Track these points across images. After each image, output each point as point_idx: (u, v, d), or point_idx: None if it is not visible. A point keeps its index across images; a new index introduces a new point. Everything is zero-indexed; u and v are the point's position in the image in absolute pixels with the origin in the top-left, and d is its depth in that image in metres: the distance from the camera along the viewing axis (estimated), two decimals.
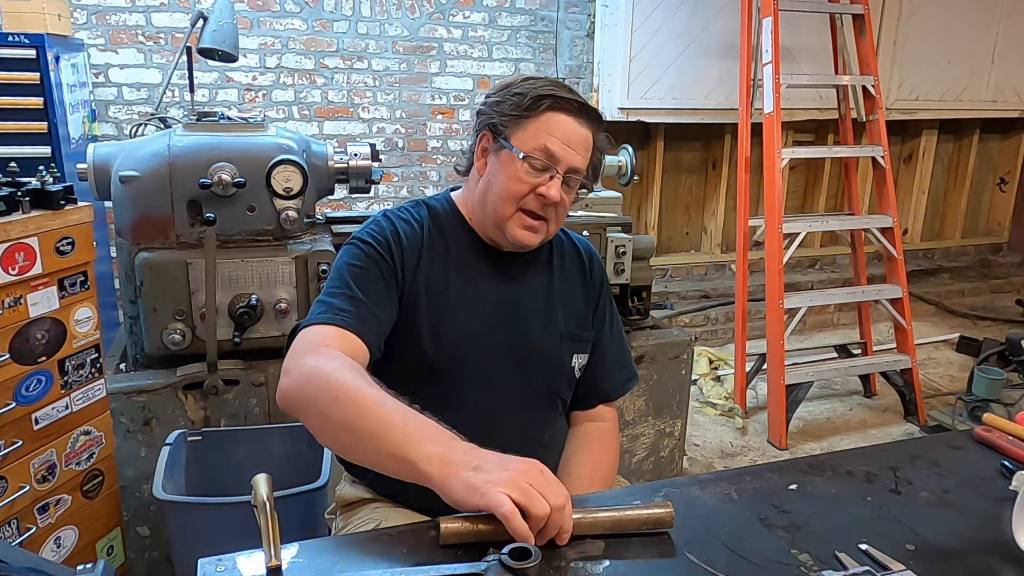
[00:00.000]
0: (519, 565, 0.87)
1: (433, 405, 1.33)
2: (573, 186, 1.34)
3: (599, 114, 1.36)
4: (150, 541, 2.16)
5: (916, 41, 4.67)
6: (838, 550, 0.98)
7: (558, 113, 1.30)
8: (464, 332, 1.36)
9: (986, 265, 5.64)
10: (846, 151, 3.73)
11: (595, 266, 1.53)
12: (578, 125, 1.31)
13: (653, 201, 4.61)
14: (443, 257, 1.38)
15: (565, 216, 1.39)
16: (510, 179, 1.31)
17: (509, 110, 1.32)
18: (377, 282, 1.30)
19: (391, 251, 1.33)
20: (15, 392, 1.65)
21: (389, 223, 1.37)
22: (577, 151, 1.31)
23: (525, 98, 1.31)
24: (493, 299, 1.39)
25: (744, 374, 3.66)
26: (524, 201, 1.31)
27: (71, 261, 1.75)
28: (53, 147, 2.72)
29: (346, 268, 1.31)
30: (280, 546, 0.86)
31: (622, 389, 1.54)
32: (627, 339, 1.60)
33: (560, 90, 1.31)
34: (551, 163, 1.30)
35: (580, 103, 1.32)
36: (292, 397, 1.11)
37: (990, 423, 1.33)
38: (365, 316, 1.25)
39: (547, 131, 1.30)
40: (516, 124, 1.31)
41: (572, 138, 1.30)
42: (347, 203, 3.96)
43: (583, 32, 4.21)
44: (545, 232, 1.36)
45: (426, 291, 1.35)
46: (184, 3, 3.50)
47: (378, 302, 1.28)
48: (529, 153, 1.30)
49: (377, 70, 3.89)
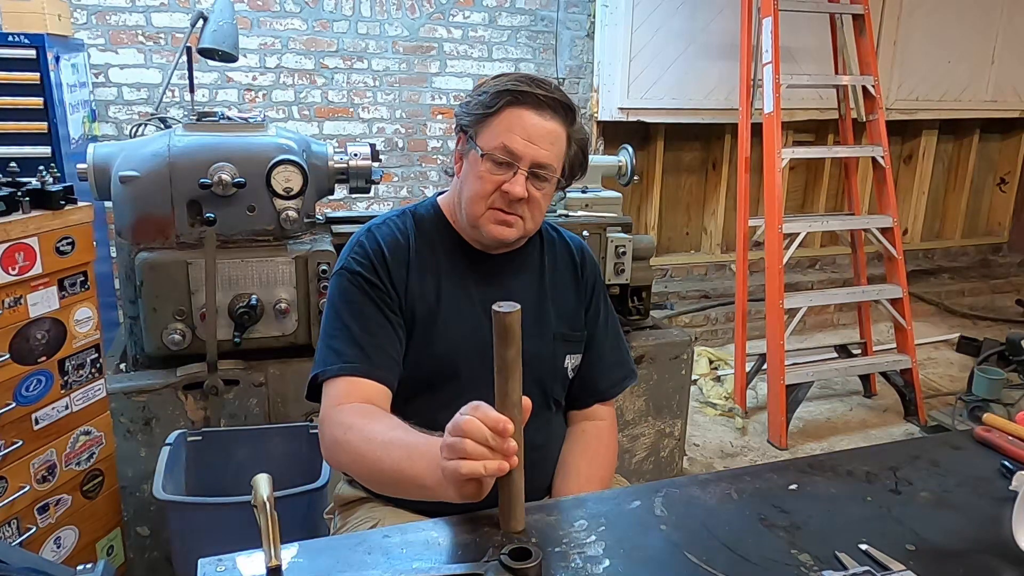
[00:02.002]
0: (519, 565, 0.87)
1: (431, 411, 1.35)
2: (547, 180, 1.32)
3: (569, 105, 1.33)
4: (150, 541, 2.16)
5: (916, 41, 4.67)
6: (838, 550, 0.98)
7: (518, 108, 1.28)
8: (457, 340, 1.35)
9: (986, 265, 5.64)
10: (846, 151, 3.73)
11: (587, 265, 1.51)
12: (541, 119, 1.29)
13: (653, 201, 4.61)
14: (432, 266, 1.38)
15: (543, 212, 1.37)
16: (476, 179, 1.31)
17: (474, 110, 1.32)
18: (374, 315, 1.31)
19: (378, 274, 1.33)
20: (15, 392, 1.65)
21: (372, 241, 1.37)
22: (541, 145, 1.29)
23: (488, 96, 1.30)
24: (484, 303, 1.37)
25: (744, 374, 3.66)
26: (492, 199, 1.31)
27: (71, 261, 1.75)
28: (53, 147, 2.71)
29: (343, 306, 1.32)
30: (280, 546, 0.86)
31: (618, 388, 1.54)
32: (625, 337, 1.59)
33: (523, 84, 1.29)
34: (512, 159, 1.28)
35: (544, 96, 1.29)
36: (330, 461, 1.30)
37: (990, 423, 1.33)
38: (373, 356, 1.28)
39: (507, 128, 1.28)
40: (481, 123, 1.31)
41: (534, 132, 1.28)
42: (347, 203, 3.96)
43: (583, 32, 4.21)
44: (522, 227, 1.34)
45: (417, 303, 1.35)
46: (184, 3, 3.50)
47: (381, 335, 1.30)
48: (490, 152, 1.29)
49: (377, 70, 3.89)
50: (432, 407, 1.34)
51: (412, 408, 1.35)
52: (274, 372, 2.20)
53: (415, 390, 1.35)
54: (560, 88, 1.34)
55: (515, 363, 0.94)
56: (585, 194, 2.71)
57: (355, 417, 1.20)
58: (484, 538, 0.99)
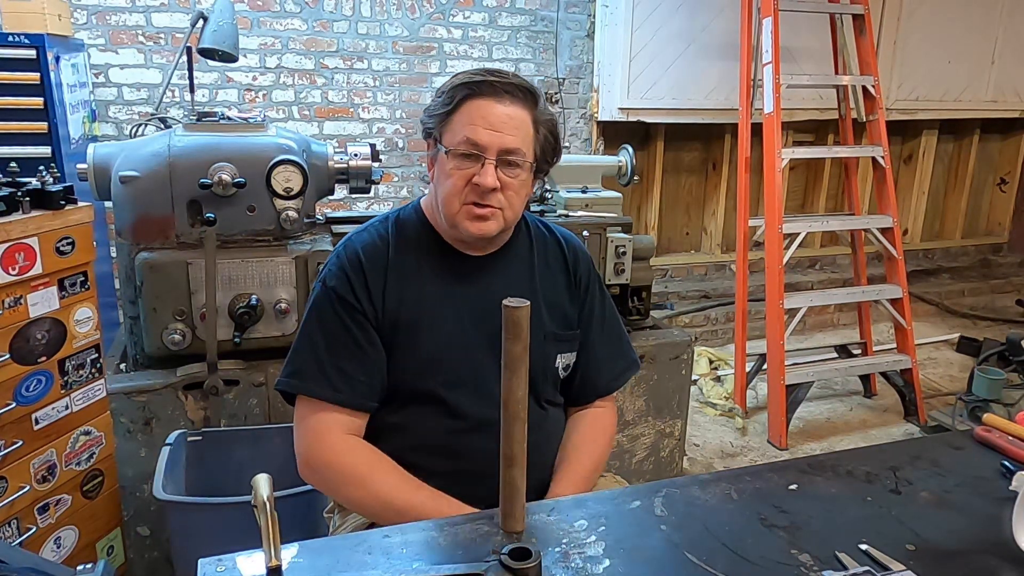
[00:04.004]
0: (519, 565, 0.87)
1: (422, 416, 1.36)
2: (519, 166, 1.30)
3: (530, 89, 1.32)
4: (150, 541, 2.16)
5: (916, 41, 4.67)
6: (838, 550, 0.98)
7: (476, 99, 1.28)
8: (443, 346, 1.35)
9: (986, 265, 5.64)
10: (846, 151, 3.73)
11: (580, 261, 1.50)
12: (501, 105, 1.28)
13: (653, 201, 4.61)
14: (414, 273, 1.37)
15: (521, 199, 1.35)
16: (447, 177, 1.31)
17: (436, 111, 1.32)
18: (348, 342, 1.32)
19: (354, 290, 1.33)
20: (15, 392, 1.65)
21: (349, 253, 1.37)
22: (505, 132, 1.27)
23: (445, 95, 1.30)
24: (471, 307, 1.37)
25: (744, 374, 3.66)
26: (465, 194, 1.30)
27: (71, 261, 1.75)
28: (53, 147, 2.71)
29: (316, 326, 1.34)
30: (280, 546, 0.86)
31: (619, 381, 1.54)
32: (623, 327, 1.58)
33: (478, 75, 1.29)
34: (478, 151, 1.27)
35: (501, 83, 1.28)
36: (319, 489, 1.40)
37: (990, 423, 1.33)
38: (345, 383, 1.31)
39: (468, 121, 1.28)
40: (444, 123, 1.31)
41: (495, 120, 1.27)
42: (347, 203, 3.96)
43: (583, 32, 4.21)
44: (500, 219, 1.33)
45: (401, 309, 1.34)
46: (184, 3, 3.50)
47: (358, 359, 1.32)
48: (454, 148, 1.29)
49: (377, 70, 3.89)
50: (421, 413, 1.35)
51: (401, 415, 1.36)
52: (274, 372, 2.20)
53: (403, 396, 1.35)
54: (518, 75, 1.33)
55: (522, 358, 0.94)
56: (585, 194, 2.71)
57: (359, 468, 1.29)
58: (484, 538, 0.99)
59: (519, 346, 0.94)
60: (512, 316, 0.93)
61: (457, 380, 1.35)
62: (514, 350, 0.94)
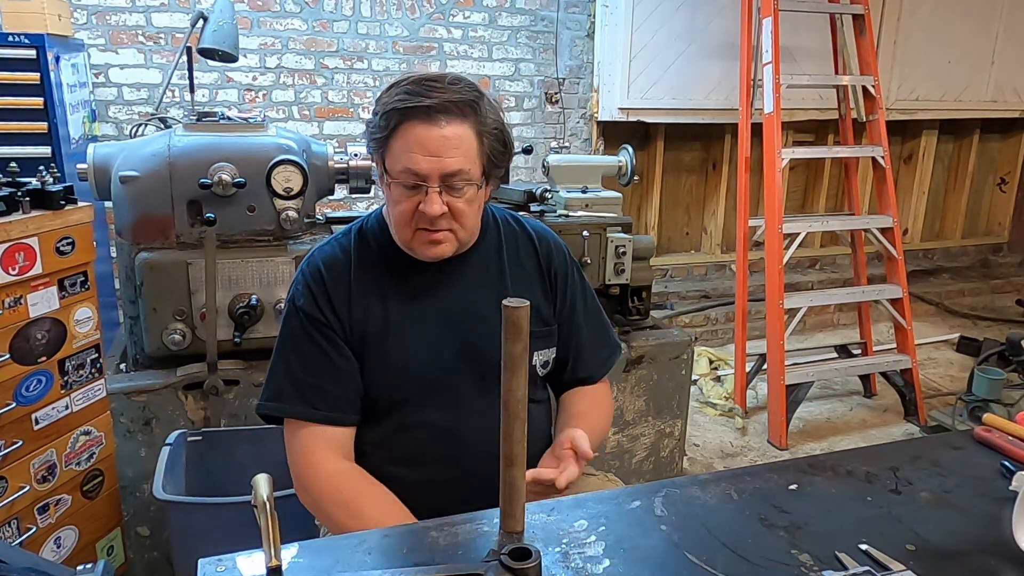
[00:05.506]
0: (519, 565, 0.87)
1: (398, 429, 1.36)
2: (466, 186, 1.26)
3: (467, 101, 1.24)
4: (150, 541, 2.16)
5: (916, 41, 4.66)
6: (838, 550, 0.98)
7: (410, 124, 1.23)
8: (413, 357, 1.34)
9: (986, 265, 5.64)
10: (846, 151, 3.73)
11: (553, 255, 1.46)
12: (436, 128, 1.22)
13: (653, 201, 4.61)
14: (378, 284, 1.35)
15: (473, 217, 1.31)
16: (395, 203, 1.28)
17: (374, 134, 1.28)
18: (320, 358, 1.32)
19: (319, 305, 1.33)
20: (15, 392, 1.65)
21: (311, 269, 1.36)
22: (444, 155, 1.22)
23: (379, 117, 1.26)
24: (440, 315, 1.36)
25: (744, 374, 3.66)
26: (416, 221, 1.27)
27: (71, 261, 1.75)
28: (53, 147, 2.71)
29: (288, 346, 1.35)
30: (280, 546, 0.86)
31: (605, 368, 1.52)
32: (603, 311, 1.56)
33: (409, 98, 1.22)
34: (419, 180, 1.24)
35: (432, 104, 1.21)
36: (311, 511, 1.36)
37: (990, 423, 1.33)
38: (320, 401, 1.31)
39: (405, 148, 1.23)
40: (383, 148, 1.27)
41: (433, 146, 1.22)
42: (347, 203, 3.96)
43: (583, 32, 4.21)
44: (454, 240, 1.30)
45: (368, 322, 1.33)
46: (184, 3, 3.50)
47: (332, 373, 1.32)
48: (395, 178, 1.25)
49: (377, 70, 3.89)
50: (398, 425, 1.36)
51: (382, 428, 1.36)
52: None
53: (380, 410, 1.35)
54: (455, 82, 1.26)
55: (521, 359, 0.94)
56: (585, 194, 2.71)
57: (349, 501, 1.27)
58: (484, 538, 0.99)
59: (519, 346, 0.94)
60: (512, 316, 0.93)
61: (430, 389, 1.34)
62: (514, 350, 0.94)
